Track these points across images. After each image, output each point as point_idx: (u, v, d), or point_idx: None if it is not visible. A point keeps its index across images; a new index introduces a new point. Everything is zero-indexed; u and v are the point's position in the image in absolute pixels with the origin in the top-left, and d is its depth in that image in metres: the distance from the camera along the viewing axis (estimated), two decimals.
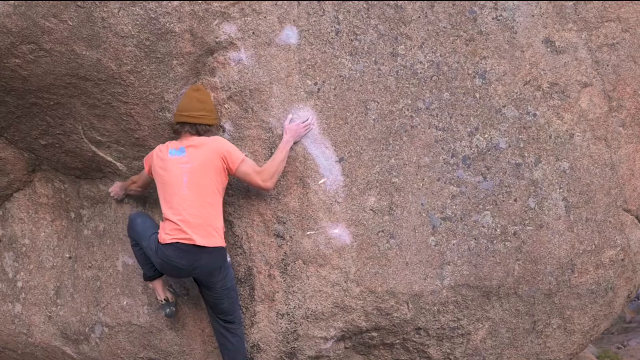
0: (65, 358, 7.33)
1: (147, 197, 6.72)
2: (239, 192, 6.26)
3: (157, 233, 5.98)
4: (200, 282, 6.15)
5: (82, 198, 7.18)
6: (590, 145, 6.43)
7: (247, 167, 5.93)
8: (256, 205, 6.22)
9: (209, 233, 5.86)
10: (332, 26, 6.15)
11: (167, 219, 5.92)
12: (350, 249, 6.15)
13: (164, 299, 6.41)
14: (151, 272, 6.35)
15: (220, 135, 6.22)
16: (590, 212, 6.41)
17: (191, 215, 5.83)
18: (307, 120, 6.08)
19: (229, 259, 6.14)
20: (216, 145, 5.93)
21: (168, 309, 6.40)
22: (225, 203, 6.22)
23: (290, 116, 6.08)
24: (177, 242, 5.84)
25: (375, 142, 6.19)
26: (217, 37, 6.08)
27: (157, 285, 6.43)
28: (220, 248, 5.97)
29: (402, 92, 6.22)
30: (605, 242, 6.48)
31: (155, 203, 6.30)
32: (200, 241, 5.81)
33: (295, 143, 6.11)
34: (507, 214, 6.28)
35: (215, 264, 5.97)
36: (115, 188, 6.80)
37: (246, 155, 6.08)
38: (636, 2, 6.49)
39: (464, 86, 6.28)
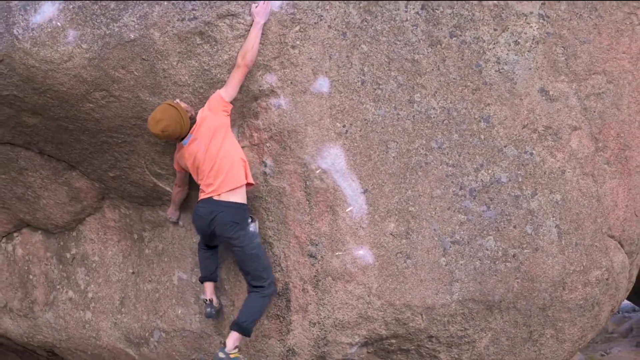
0: (128, 359, 7.37)
1: None
2: (277, 219, 6.24)
3: None
4: (219, 236, 6.02)
5: (144, 222, 7.21)
6: (580, 180, 6.42)
7: (226, 86, 5.89)
8: (292, 230, 6.20)
9: (230, 190, 5.87)
10: (358, 77, 6.15)
11: (201, 191, 6.00)
12: (372, 267, 6.13)
13: (209, 300, 6.35)
14: (206, 273, 6.36)
15: (262, 170, 6.20)
16: (579, 238, 6.39)
17: (217, 179, 5.87)
18: (264, 2, 5.90)
19: (252, 229, 6.03)
20: (210, 113, 5.88)
21: (209, 309, 6.31)
22: (265, 227, 6.25)
23: (254, 4, 5.89)
24: (205, 198, 5.92)
25: (394, 176, 6.18)
26: (260, 86, 6.07)
27: (207, 286, 6.40)
28: (240, 205, 5.94)
29: (417, 133, 6.22)
30: (592, 264, 6.45)
31: None
32: (222, 197, 5.87)
33: (323, 171, 6.09)
34: (507, 239, 6.26)
35: (229, 217, 5.89)
36: (170, 210, 6.79)
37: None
38: (619, 58, 6.51)
39: (470, 129, 6.28)
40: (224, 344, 6.01)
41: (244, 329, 6.02)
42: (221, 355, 5.95)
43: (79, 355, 7.76)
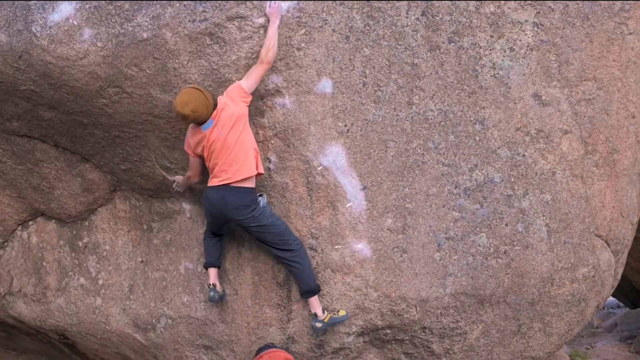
0: (136, 343, 7.33)
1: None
2: (280, 213, 6.25)
3: None
4: (231, 220, 6.07)
5: (153, 213, 7.18)
6: (569, 181, 6.42)
7: (246, 78, 5.84)
8: (294, 223, 6.21)
9: (243, 179, 5.86)
10: (360, 79, 6.14)
11: (214, 177, 5.97)
12: (370, 261, 6.14)
13: (212, 284, 6.34)
14: (210, 259, 6.38)
15: (267, 166, 6.18)
16: (568, 236, 6.39)
17: (231, 167, 5.85)
18: (275, 3, 5.89)
19: (262, 203, 6.02)
20: (230, 102, 5.82)
21: (212, 293, 6.29)
22: None
23: (267, 6, 5.88)
24: (218, 185, 5.91)
25: (392, 174, 6.18)
26: (266, 86, 6.06)
27: (212, 272, 6.41)
28: (248, 189, 5.92)
29: (415, 134, 6.21)
30: (580, 262, 6.45)
31: None
32: (233, 183, 5.86)
33: (325, 168, 6.07)
34: (499, 236, 6.26)
35: (240, 202, 5.90)
36: (179, 181, 6.54)
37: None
38: (609, 65, 6.46)
39: (466, 130, 6.26)
40: (314, 315, 6.13)
41: (312, 289, 6.12)
42: (318, 325, 6.09)
43: (89, 339, 7.75)
